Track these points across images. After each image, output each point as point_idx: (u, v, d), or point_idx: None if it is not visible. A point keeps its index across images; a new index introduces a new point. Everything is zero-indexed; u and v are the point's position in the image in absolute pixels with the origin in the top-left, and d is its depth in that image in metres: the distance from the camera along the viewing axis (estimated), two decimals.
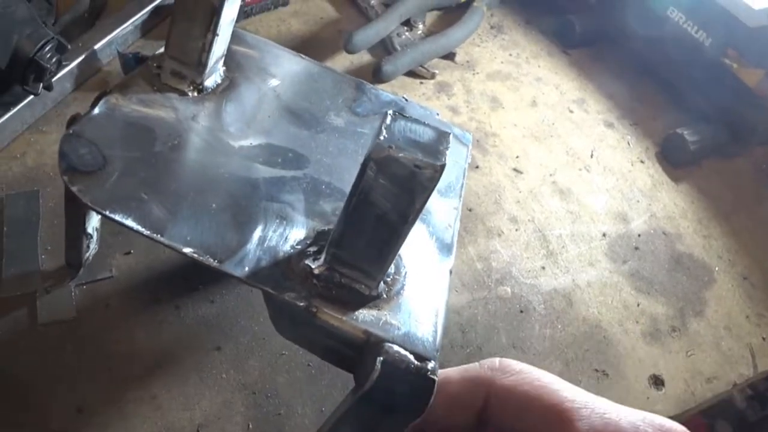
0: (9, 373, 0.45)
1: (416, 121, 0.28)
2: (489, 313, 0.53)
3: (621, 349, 0.53)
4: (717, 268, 0.60)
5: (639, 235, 0.60)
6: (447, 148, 0.28)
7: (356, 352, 0.33)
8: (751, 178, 0.69)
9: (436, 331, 0.33)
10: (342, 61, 0.68)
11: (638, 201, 0.63)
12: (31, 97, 0.59)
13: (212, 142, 0.40)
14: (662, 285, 0.57)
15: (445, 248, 0.39)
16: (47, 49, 0.55)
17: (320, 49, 0.68)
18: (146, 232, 0.33)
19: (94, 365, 0.46)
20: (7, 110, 0.58)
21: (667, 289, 0.57)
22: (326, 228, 0.36)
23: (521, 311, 0.53)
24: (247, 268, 0.33)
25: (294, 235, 0.36)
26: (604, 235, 0.60)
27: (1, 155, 0.58)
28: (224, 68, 0.44)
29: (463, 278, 0.54)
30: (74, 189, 0.34)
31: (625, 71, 0.76)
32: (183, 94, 0.41)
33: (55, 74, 0.58)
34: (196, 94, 0.42)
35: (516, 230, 0.58)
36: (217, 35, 0.39)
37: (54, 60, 0.56)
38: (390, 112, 0.28)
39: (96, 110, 0.38)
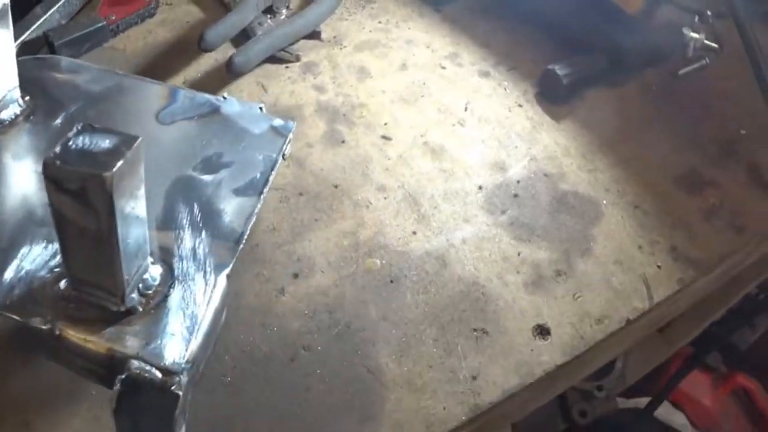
0: None
1: (104, 131, 0.28)
2: (357, 289, 0.50)
3: (501, 304, 0.50)
4: (605, 202, 0.56)
5: (518, 182, 0.57)
6: (125, 155, 0.27)
7: (108, 370, 0.32)
8: (639, 103, 0.65)
9: (188, 342, 0.32)
10: (207, 61, 0.67)
11: (516, 147, 0.60)
12: None
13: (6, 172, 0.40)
14: (544, 229, 0.54)
15: (229, 252, 0.37)
16: None
17: (186, 54, 0.67)
18: None
19: None
20: None
21: (550, 233, 0.54)
22: None
23: (391, 281, 0.51)
24: None
25: (55, 258, 0.35)
26: (480, 188, 0.57)
27: None
28: (26, 97, 0.44)
29: (329, 258, 0.52)
30: None
31: (500, 17, 0.72)
32: None
33: None
34: None
35: (384, 198, 0.56)
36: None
37: None
38: (77, 125, 0.27)
39: None
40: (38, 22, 0.69)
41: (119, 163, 0.25)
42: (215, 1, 0.73)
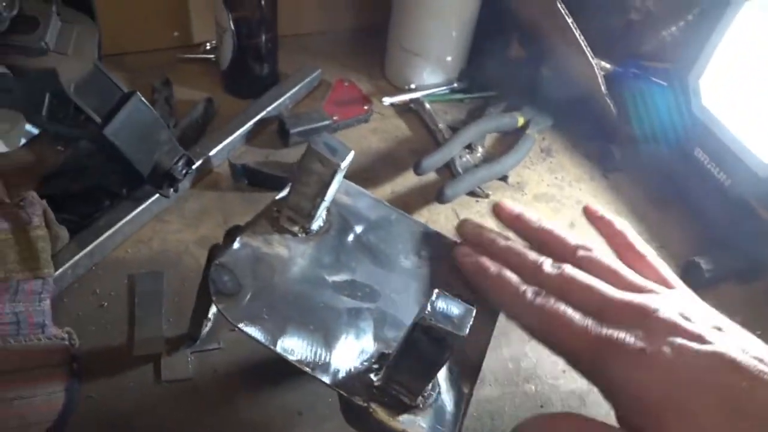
0: (139, 415, 0.60)
1: (452, 299, 0.43)
2: (515, 405, 0.64)
3: None
4: None
5: None
6: (470, 322, 0.42)
7: None
8: (763, 304, 0.78)
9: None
10: (411, 179, 0.82)
11: None
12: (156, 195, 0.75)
13: (312, 277, 0.54)
14: None
15: (467, 382, 0.51)
16: (180, 163, 0.72)
17: (394, 165, 0.82)
18: (266, 344, 0.49)
19: (206, 417, 0.61)
20: (140, 204, 0.75)
21: None
22: (386, 351, 0.50)
23: (541, 406, 0.65)
24: (330, 376, 0.48)
25: (363, 354, 0.50)
26: None
27: (131, 240, 0.75)
28: (326, 214, 0.57)
29: (497, 375, 0.66)
30: (220, 307, 0.49)
31: (657, 197, 0.86)
32: (294, 235, 0.55)
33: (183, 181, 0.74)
34: (304, 235, 0.56)
35: None
36: (324, 200, 0.53)
37: (184, 172, 0.72)
38: (436, 291, 0.43)
39: (235, 246, 0.53)
40: (273, 105, 0.86)
41: (468, 328, 0.41)
42: (421, 123, 0.89)
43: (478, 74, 0.93)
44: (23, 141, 0.82)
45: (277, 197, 0.59)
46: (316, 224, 0.58)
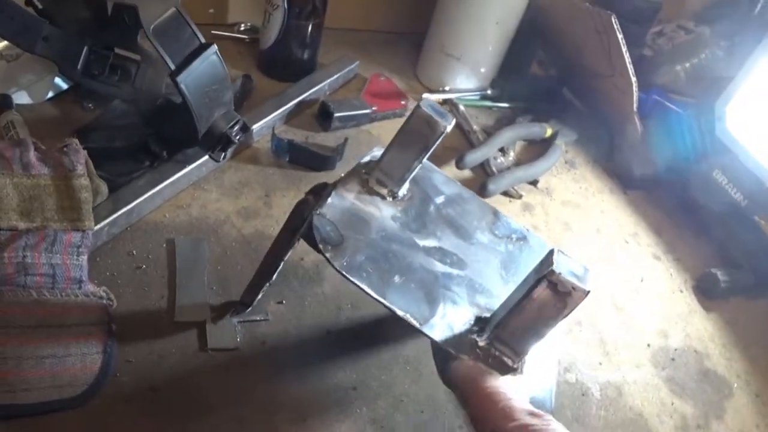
0: (182, 382, 0.57)
1: (570, 257, 0.45)
2: (558, 393, 0.65)
3: None
4: (735, 385, 0.73)
5: (675, 350, 0.74)
6: (590, 279, 0.44)
7: None
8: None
9: (551, 397, 0.48)
10: (448, 173, 0.83)
11: (676, 322, 0.77)
12: (202, 159, 0.73)
13: (404, 238, 0.55)
14: (692, 391, 0.71)
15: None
16: (236, 127, 0.70)
17: (431, 159, 0.83)
18: (375, 296, 0.49)
19: (253, 388, 0.58)
20: (183, 167, 0.72)
21: (696, 395, 0.71)
22: (482, 315, 0.51)
23: (582, 394, 0.67)
24: (436, 333, 0.48)
25: (462, 317, 0.50)
26: (648, 345, 0.74)
27: (169, 204, 0.72)
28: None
29: None
30: (327, 255, 0.48)
31: (673, 213, 0.92)
32: (383, 198, 0.55)
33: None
34: (391, 199, 0.56)
35: (580, 332, 0.72)
36: (420, 164, 0.53)
37: (238, 137, 0.70)
38: (555, 248, 0.44)
39: (331, 199, 0.52)
40: (314, 89, 0.86)
41: (591, 283, 0.43)
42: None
43: (508, 85, 0.97)
44: (50, 94, 0.77)
45: (364, 160, 0.59)
46: (403, 190, 0.58)
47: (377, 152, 0.58)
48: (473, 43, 0.92)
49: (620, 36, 0.77)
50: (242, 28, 0.95)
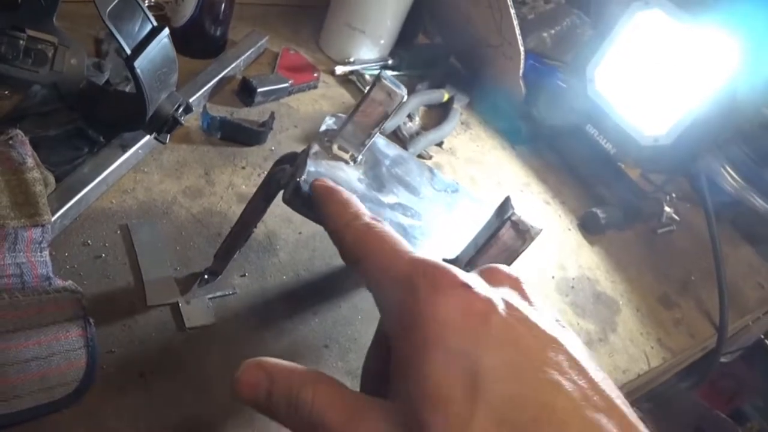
0: (169, 364, 0.60)
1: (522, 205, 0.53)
2: None
3: None
4: (621, 302, 0.90)
5: (573, 278, 0.89)
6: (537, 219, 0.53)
7: None
8: (636, 245, 1.01)
9: None
10: None
11: (570, 256, 0.92)
12: (141, 142, 0.73)
13: (372, 197, 0.61)
14: (590, 312, 0.86)
15: None
16: (180, 109, 0.71)
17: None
18: None
19: (238, 358, 0.61)
20: (125, 151, 0.72)
21: (594, 315, 0.86)
22: (447, 258, 0.58)
23: None
24: None
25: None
26: (552, 277, 0.87)
27: (114, 190, 0.71)
28: None
29: None
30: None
31: (556, 164, 1.07)
32: (346, 162, 0.60)
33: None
34: (352, 164, 0.61)
35: None
36: (379, 131, 0.59)
37: (183, 118, 0.71)
38: (509, 195, 0.52)
39: (309, 168, 0.56)
40: (232, 65, 0.88)
41: (539, 222, 0.51)
42: (358, 91, 0.97)
43: (406, 54, 1.04)
44: None
45: (322, 129, 0.64)
46: (360, 155, 0.64)
47: (330, 121, 0.63)
48: (376, 16, 0.98)
49: (513, 11, 0.87)
50: (146, 4, 0.91)
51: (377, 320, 0.69)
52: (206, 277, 0.66)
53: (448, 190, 0.70)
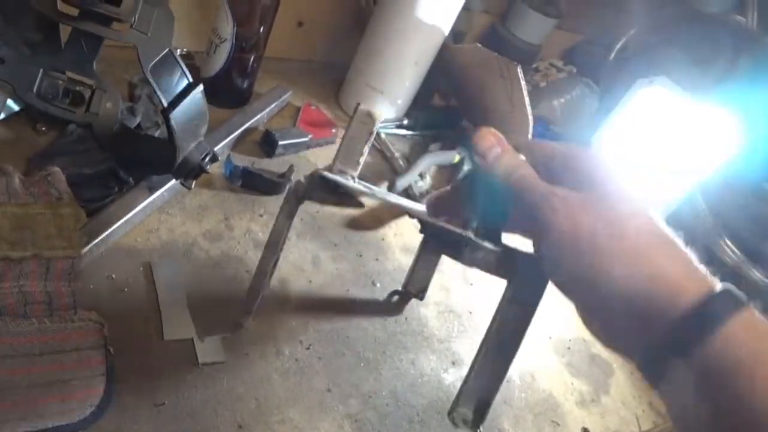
0: (182, 397, 0.63)
1: None
2: None
3: (565, 410, 0.82)
4: (615, 366, 0.92)
5: (570, 340, 0.92)
6: None
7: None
8: None
9: None
10: None
11: (566, 317, 0.95)
12: (168, 185, 0.77)
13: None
14: (585, 372, 0.89)
15: None
16: (207, 158, 0.76)
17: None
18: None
19: (246, 395, 0.66)
20: (153, 193, 0.77)
21: (588, 376, 0.89)
22: None
23: (507, 381, 0.81)
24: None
25: None
26: (549, 337, 0.91)
27: (139, 228, 0.76)
28: None
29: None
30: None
31: None
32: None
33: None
34: (351, 181, 0.66)
35: None
36: (369, 146, 0.65)
37: (209, 166, 0.76)
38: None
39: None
40: (257, 116, 0.94)
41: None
42: (379, 153, 1.03)
43: (421, 116, 1.10)
44: (1, 116, 0.77)
45: (320, 169, 0.68)
46: (357, 172, 0.69)
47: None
48: (394, 79, 1.04)
49: (523, 83, 0.93)
50: (178, 53, 0.98)
51: (377, 370, 0.73)
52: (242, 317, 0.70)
53: None
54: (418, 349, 0.79)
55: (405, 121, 1.09)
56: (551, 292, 0.48)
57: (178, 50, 0.98)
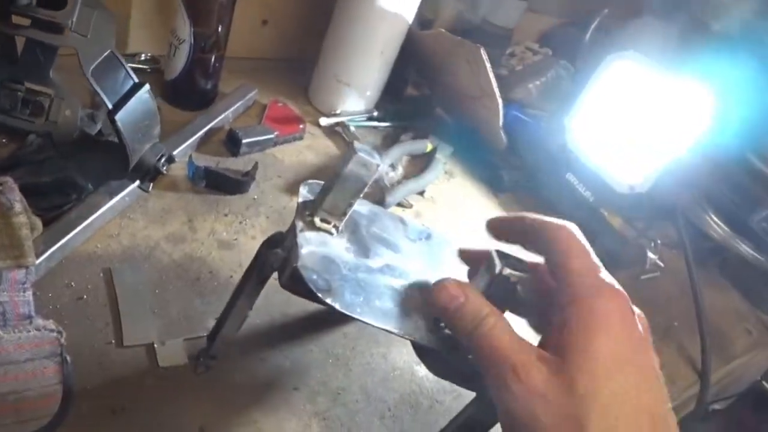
0: (140, 402, 0.62)
1: (505, 254, 0.53)
2: None
3: None
4: None
5: None
6: (526, 267, 0.53)
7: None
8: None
9: None
10: None
11: None
12: (127, 189, 0.77)
13: (362, 266, 0.60)
14: None
15: None
16: (163, 159, 0.75)
17: (326, 176, 0.92)
18: (384, 328, 0.54)
19: (208, 398, 0.65)
20: (112, 198, 0.76)
21: None
22: None
23: None
24: (425, 339, 0.55)
25: (427, 318, 0.56)
26: None
27: (99, 234, 0.75)
28: None
29: None
30: (333, 305, 0.52)
31: (537, 212, 1.07)
32: (330, 234, 0.61)
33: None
34: (335, 233, 0.63)
35: None
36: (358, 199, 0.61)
37: (165, 168, 0.75)
38: (494, 250, 0.52)
39: (302, 251, 0.56)
40: (221, 116, 0.93)
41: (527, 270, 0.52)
42: (344, 142, 1.01)
43: (390, 107, 1.09)
44: None
45: (300, 201, 0.66)
46: (342, 223, 0.66)
47: (304, 190, 0.63)
48: (361, 70, 1.03)
49: (488, 65, 0.91)
50: (143, 58, 0.98)
51: (347, 366, 0.71)
52: (202, 360, 0.66)
53: (422, 238, 0.72)
54: (390, 343, 0.78)
55: (375, 113, 1.08)
56: None
57: (143, 55, 0.98)
